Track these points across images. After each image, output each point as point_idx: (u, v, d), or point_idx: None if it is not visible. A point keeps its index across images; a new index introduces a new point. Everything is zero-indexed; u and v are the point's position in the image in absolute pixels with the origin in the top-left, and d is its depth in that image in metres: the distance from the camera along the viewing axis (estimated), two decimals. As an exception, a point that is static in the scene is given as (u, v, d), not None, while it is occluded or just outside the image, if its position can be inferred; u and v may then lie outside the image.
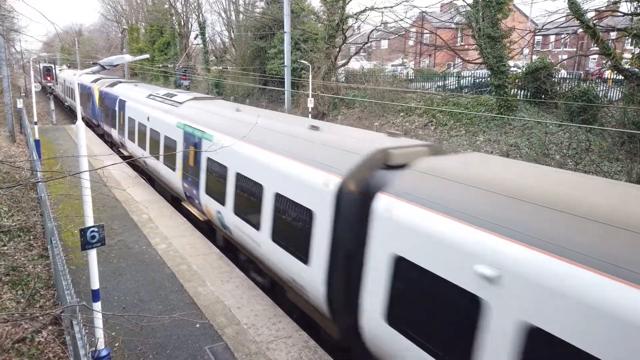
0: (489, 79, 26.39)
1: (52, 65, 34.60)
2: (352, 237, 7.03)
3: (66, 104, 43.13)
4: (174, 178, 14.37)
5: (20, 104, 28.22)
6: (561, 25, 25.55)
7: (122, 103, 20.40)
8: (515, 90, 25.28)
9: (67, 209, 14.69)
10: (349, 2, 33.39)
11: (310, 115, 28.29)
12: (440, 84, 31.76)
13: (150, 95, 18.24)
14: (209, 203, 11.99)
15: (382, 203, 6.49)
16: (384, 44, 65.75)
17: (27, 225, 13.47)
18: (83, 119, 8.09)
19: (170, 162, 14.65)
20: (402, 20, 34.08)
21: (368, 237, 6.68)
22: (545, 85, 23.63)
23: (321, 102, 32.26)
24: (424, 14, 38.34)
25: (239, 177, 10.30)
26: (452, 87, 30.54)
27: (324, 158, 7.85)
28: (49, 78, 31.64)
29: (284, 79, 33.68)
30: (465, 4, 26.28)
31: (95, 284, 6.86)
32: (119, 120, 21.00)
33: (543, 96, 24.02)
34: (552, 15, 22.94)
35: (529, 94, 24.82)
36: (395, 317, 6.15)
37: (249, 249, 10.23)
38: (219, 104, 15.10)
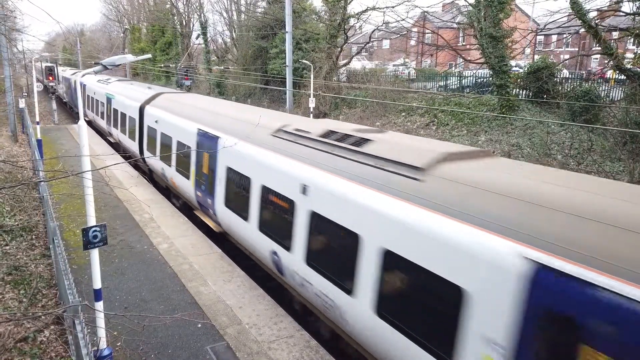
0: (490, 78, 26.35)
1: (54, 65, 34.66)
2: None
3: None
4: (103, 124, 26.14)
5: (22, 103, 28.27)
6: (563, 25, 25.50)
7: (83, 86, 31.37)
8: (517, 90, 25.23)
9: (69, 208, 14.71)
10: (350, 1, 33.43)
11: (311, 115, 28.29)
12: (441, 83, 31.72)
13: (98, 80, 29.31)
14: (119, 135, 22.41)
15: None
16: (386, 43, 65.71)
17: (29, 225, 13.50)
18: (66, 103, 13.30)
19: (106, 118, 25.25)
20: (403, 20, 34.12)
21: None
22: (547, 85, 23.58)
23: (323, 102, 32.26)
24: (425, 13, 38.30)
25: (119, 113, 21.98)
26: (453, 87, 30.50)
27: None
28: (51, 78, 31.71)
29: (285, 78, 33.68)
30: (467, 4, 26.25)
31: (98, 284, 6.87)
32: (82, 98, 33.22)
33: (545, 96, 23.97)
34: (554, 15, 22.95)
35: (530, 94, 24.77)
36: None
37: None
38: (126, 81, 28.04)
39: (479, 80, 29.44)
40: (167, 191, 17.01)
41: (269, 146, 9.74)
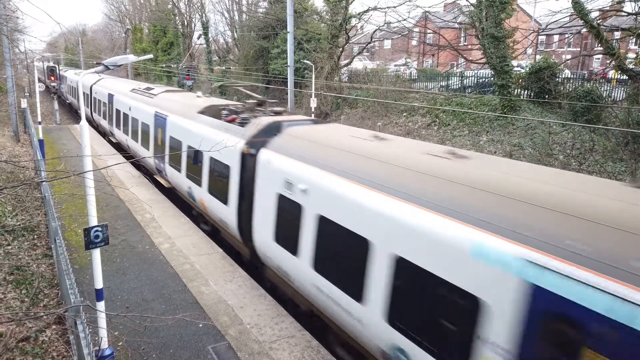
0: (492, 78, 26.33)
1: (56, 66, 34.70)
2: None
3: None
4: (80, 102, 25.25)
5: (24, 103, 28.33)
6: (565, 25, 25.48)
7: (64, 78, 43.06)
8: (519, 90, 25.21)
9: (70, 208, 14.74)
10: (352, 2, 33.40)
11: (313, 115, 28.30)
12: (443, 83, 31.71)
13: (75, 73, 37.42)
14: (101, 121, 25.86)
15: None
16: (387, 43, 65.69)
17: (31, 225, 13.52)
18: (59, 95, 14.12)
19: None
20: (405, 20, 34.11)
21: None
22: (548, 85, 23.56)
23: (324, 102, 32.26)
24: (427, 13, 38.26)
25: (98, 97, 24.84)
26: (455, 87, 30.48)
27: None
28: (52, 78, 31.75)
29: (287, 79, 33.66)
30: (469, 4, 26.24)
31: (99, 284, 6.88)
32: (66, 87, 42.95)
33: (547, 96, 23.94)
34: (556, 15, 22.92)
35: (532, 94, 24.74)
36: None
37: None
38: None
39: (481, 80, 29.42)
40: (170, 193, 16.91)
41: None
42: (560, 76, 24.87)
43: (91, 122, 29.32)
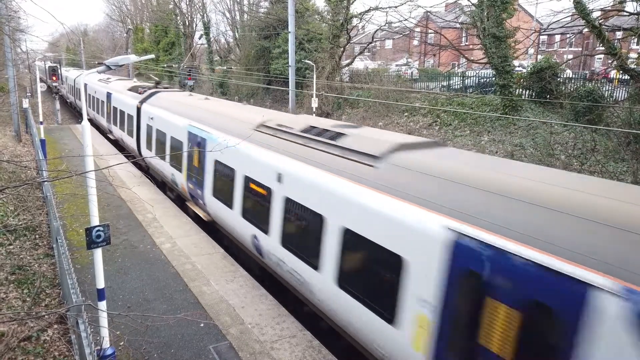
0: (493, 78, 26.30)
1: (58, 65, 34.74)
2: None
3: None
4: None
5: (26, 103, 28.36)
6: (566, 25, 25.44)
7: (65, 77, 44.77)
8: (520, 90, 25.18)
9: (72, 208, 14.76)
10: (353, 2, 33.37)
11: (314, 114, 28.30)
12: (444, 83, 31.68)
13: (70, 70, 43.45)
14: (96, 117, 29.70)
15: None
16: (388, 43, 65.65)
17: (32, 225, 13.54)
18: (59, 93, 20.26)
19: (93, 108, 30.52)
20: (406, 20, 34.10)
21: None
22: (550, 85, 23.52)
23: (325, 102, 32.25)
24: (428, 13, 38.25)
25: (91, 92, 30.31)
26: (456, 87, 30.46)
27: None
28: (54, 78, 31.78)
29: (288, 78, 33.67)
30: (470, 4, 26.21)
31: (101, 283, 6.89)
32: (65, 84, 46.29)
33: (548, 96, 23.92)
34: (558, 15, 22.86)
35: (534, 94, 24.71)
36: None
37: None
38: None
39: (482, 80, 29.39)
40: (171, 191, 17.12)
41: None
42: (562, 76, 24.83)
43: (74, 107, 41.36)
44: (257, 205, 9.98)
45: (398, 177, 6.91)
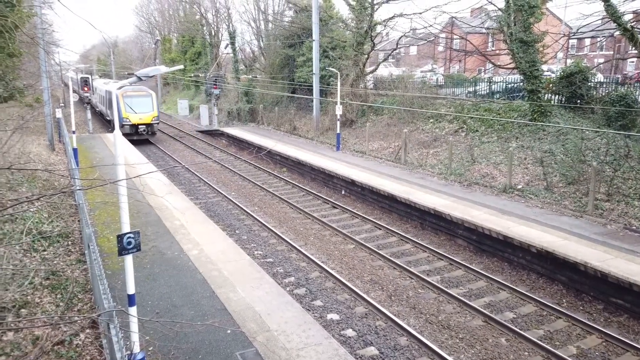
0: (521, 84, 25.83)
1: (89, 77, 35.86)
2: None
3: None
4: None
5: (59, 113, 29.31)
6: (597, 28, 24.83)
7: (95, 87, 48.43)
8: (549, 95, 24.65)
9: (103, 215, 15.12)
10: (377, 9, 33.31)
11: (338, 122, 28.32)
12: (470, 89, 31.28)
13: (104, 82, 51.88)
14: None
15: None
16: (413, 50, 65.31)
17: (65, 231, 13.93)
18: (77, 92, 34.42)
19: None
20: (431, 26, 33.83)
21: None
22: (580, 90, 22.95)
23: (350, 110, 32.24)
24: (453, 19, 37.91)
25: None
26: (483, 92, 30.03)
27: None
28: (86, 89, 32.81)
29: (312, 86, 33.85)
30: (497, 9, 25.86)
31: (132, 289, 7.03)
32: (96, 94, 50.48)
33: (578, 101, 23.34)
34: (588, 18, 22.34)
35: (563, 99, 24.15)
36: None
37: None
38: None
39: (510, 85, 28.89)
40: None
41: None
42: (593, 80, 24.21)
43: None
44: (104, 101, 26.99)
45: None
